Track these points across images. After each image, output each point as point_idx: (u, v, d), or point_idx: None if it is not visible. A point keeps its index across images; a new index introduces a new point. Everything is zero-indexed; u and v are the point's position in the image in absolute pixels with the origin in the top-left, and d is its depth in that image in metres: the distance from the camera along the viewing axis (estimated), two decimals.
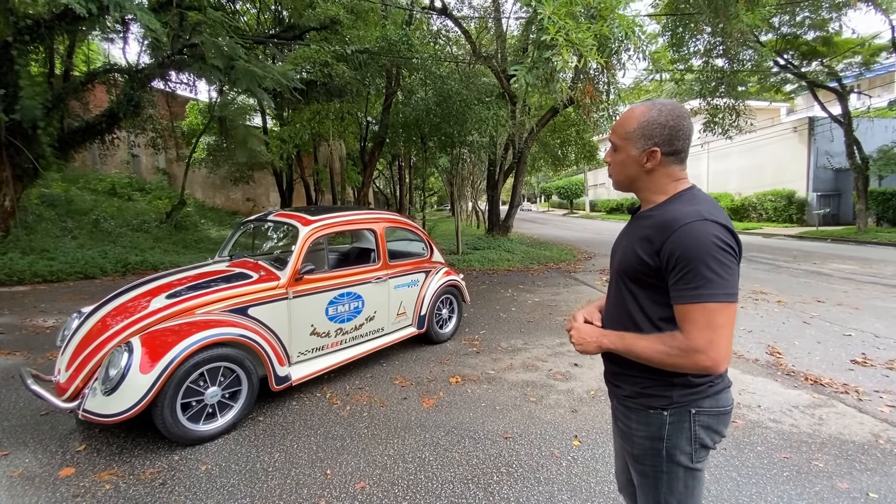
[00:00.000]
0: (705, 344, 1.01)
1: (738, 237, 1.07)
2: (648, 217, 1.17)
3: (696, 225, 1.03)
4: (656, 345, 1.08)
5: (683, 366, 1.05)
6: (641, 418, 1.19)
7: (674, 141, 1.13)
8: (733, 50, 11.11)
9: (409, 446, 2.65)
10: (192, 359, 2.53)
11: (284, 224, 3.65)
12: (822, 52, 14.20)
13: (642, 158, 1.16)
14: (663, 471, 1.18)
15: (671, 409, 1.14)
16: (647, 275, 1.13)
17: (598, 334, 1.21)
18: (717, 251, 1.01)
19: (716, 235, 1.02)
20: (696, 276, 1.01)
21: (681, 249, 1.03)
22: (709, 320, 1.01)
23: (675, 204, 1.13)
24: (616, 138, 1.21)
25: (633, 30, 5.36)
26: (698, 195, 1.14)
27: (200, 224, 13.59)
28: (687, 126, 1.14)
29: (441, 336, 4.54)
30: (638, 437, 1.20)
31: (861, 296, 6.55)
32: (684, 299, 1.04)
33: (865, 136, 15.08)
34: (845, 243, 13.57)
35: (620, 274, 1.23)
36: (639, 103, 1.20)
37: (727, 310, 1.02)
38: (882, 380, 3.57)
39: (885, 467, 2.42)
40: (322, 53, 8.70)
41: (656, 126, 1.13)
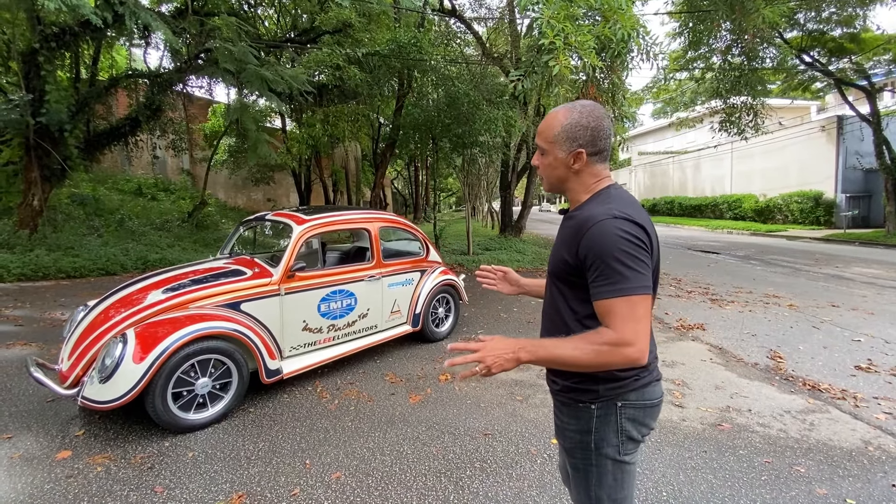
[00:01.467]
0: (632, 336, 1.02)
1: (648, 230, 1.10)
2: (571, 218, 1.21)
3: (605, 223, 1.07)
4: (582, 344, 1.06)
5: (612, 362, 1.04)
6: (572, 412, 1.22)
7: (597, 141, 1.18)
8: (750, 47, 10.81)
9: (390, 440, 2.71)
10: (183, 350, 2.65)
11: (280, 223, 3.77)
12: (850, 49, 13.65)
13: (569, 160, 1.19)
14: (592, 463, 1.21)
15: (598, 403, 1.17)
16: (570, 274, 1.16)
17: (512, 347, 1.10)
18: (626, 244, 1.04)
19: (622, 230, 1.05)
20: (611, 271, 1.04)
21: (593, 248, 1.07)
22: (631, 312, 1.02)
23: (591, 204, 1.18)
24: (542, 142, 1.24)
25: (637, 30, 5.31)
26: (613, 193, 1.18)
27: (221, 224, 14.00)
28: (607, 126, 1.19)
29: (437, 334, 4.59)
30: (569, 431, 1.24)
31: (879, 301, 6.30)
32: (605, 294, 1.05)
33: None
34: (873, 247, 13.03)
35: (550, 275, 1.27)
36: (560, 107, 1.23)
37: (645, 301, 1.04)
38: (884, 386, 3.45)
39: (869, 474, 2.36)
40: (334, 57, 8.88)
41: (579, 128, 1.17)
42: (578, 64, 5.83)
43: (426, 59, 9.44)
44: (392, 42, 9.03)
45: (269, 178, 17.14)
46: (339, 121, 11.62)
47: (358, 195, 19.20)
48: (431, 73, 10.16)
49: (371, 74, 9.83)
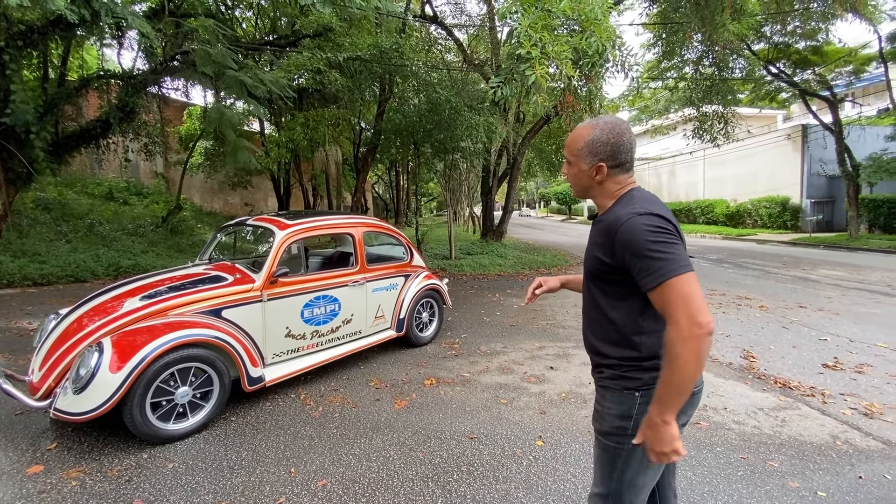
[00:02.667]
0: (685, 316, 1.06)
1: (671, 220, 1.18)
2: (600, 222, 1.31)
3: (631, 221, 1.16)
4: (671, 364, 1.09)
5: (697, 349, 1.06)
6: (615, 397, 1.29)
7: (617, 155, 1.28)
8: (721, 58, 11.24)
9: (376, 446, 2.70)
10: (162, 359, 2.59)
11: (262, 228, 3.72)
12: (814, 62, 14.37)
13: (591, 172, 1.31)
14: (624, 448, 1.27)
15: (642, 391, 1.24)
16: (608, 273, 1.26)
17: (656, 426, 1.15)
18: (653, 235, 1.12)
19: (646, 224, 1.14)
20: (648, 262, 1.11)
21: (627, 247, 1.15)
22: (678, 293, 1.08)
23: (616, 207, 1.27)
24: (568, 154, 1.36)
25: (613, 42, 5.45)
26: (635, 195, 1.27)
27: (197, 228, 13.67)
28: (627, 140, 1.28)
29: (421, 339, 4.60)
30: (608, 415, 1.30)
31: (844, 301, 6.60)
32: (651, 284, 1.12)
33: (857, 144, 15.20)
34: (837, 249, 13.63)
35: (588, 276, 1.37)
36: (585, 122, 1.34)
37: (688, 277, 1.09)
38: (849, 383, 3.62)
39: (837, 467, 2.47)
40: (315, 61, 8.81)
41: (599, 144, 1.27)
42: (556, 72, 5.95)
43: (408, 65, 9.47)
44: (374, 47, 9.03)
45: (246, 182, 16.83)
46: (320, 125, 11.50)
47: (339, 200, 19.03)
48: (413, 79, 10.19)
49: (352, 79, 9.80)
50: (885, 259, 11.43)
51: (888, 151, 13.36)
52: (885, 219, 15.25)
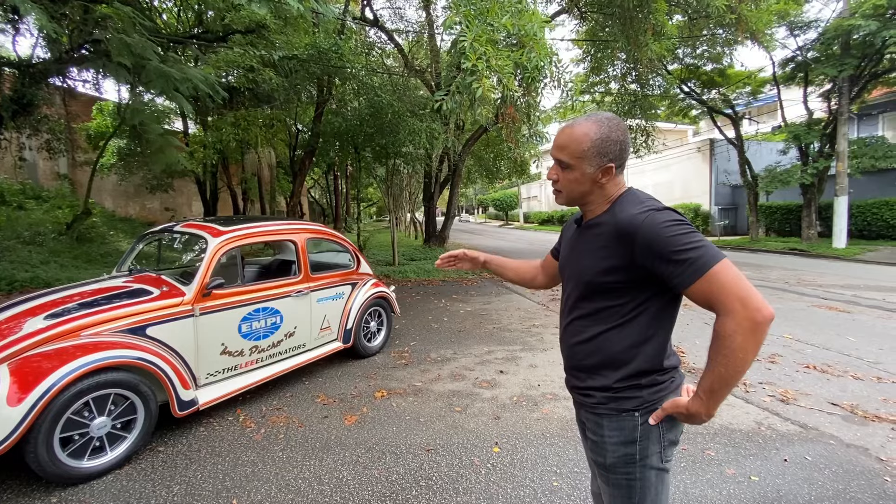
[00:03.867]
0: (740, 306, 0.97)
1: (683, 214, 1.13)
2: (599, 225, 1.19)
3: (650, 217, 1.07)
4: (724, 358, 1.00)
5: (756, 338, 0.97)
6: (614, 423, 1.18)
7: (623, 155, 1.19)
8: (644, 76, 12.15)
9: (327, 467, 2.54)
10: (74, 387, 2.26)
11: (193, 235, 3.40)
12: (719, 83, 15.99)
13: (597, 175, 1.18)
14: (636, 477, 1.17)
15: (642, 410, 1.15)
16: (621, 283, 1.13)
17: (705, 414, 1.07)
18: (676, 228, 1.04)
19: (667, 219, 1.06)
20: (680, 255, 1.02)
21: (651, 244, 1.05)
22: (723, 283, 0.99)
23: (622, 207, 1.16)
24: (567, 157, 1.19)
25: (551, 59, 5.69)
26: (639, 194, 1.19)
27: (109, 236, 12.34)
28: (629, 138, 1.22)
29: (369, 350, 4.44)
30: (611, 445, 1.19)
31: None
32: (692, 278, 1.02)
33: (755, 157, 17.11)
34: (741, 251, 15.20)
35: (584, 286, 1.21)
36: (582, 120, 1.19)
37: (727, 265, 1.01)
38: (766, 373, 4.00)
39: (765, 452, 2.70)
40: (247, 58, 8.32)
41: (610, 143, 1.16)
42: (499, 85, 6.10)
43: (348, 67, 9.25)
44: (312, 47, 8.72)
45: (167, 186, 15.46)
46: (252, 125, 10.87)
47: (273, 205, 18.12)
48: (353, 81, 9.97)
49: (288, 79, 9.38)
50: (781, 259, 12.93)
51: (781, 164, 15.18)
52: (779, 223, 17.27)
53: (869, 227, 14.28)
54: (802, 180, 13.66)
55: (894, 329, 5.23)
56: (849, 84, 12.62)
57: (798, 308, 6.47)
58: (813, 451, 2.68)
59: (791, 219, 16.67)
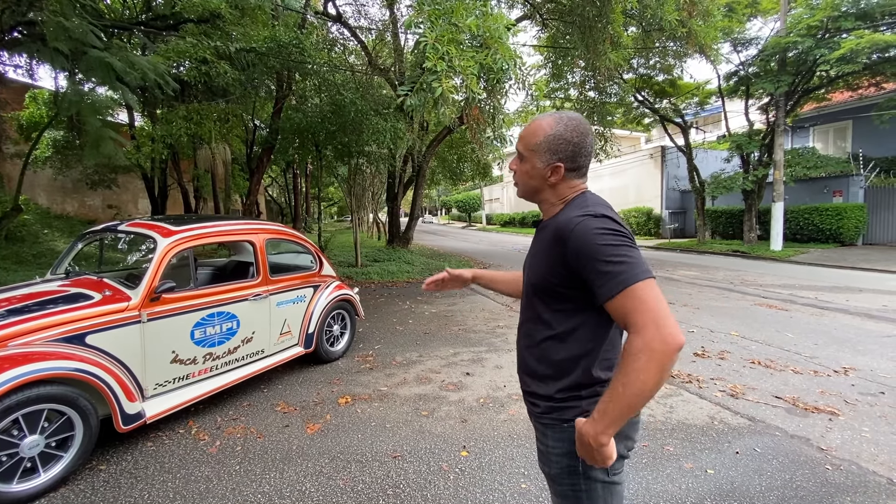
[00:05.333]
0: (652, 324, 0.93)
1: (624, 225, 1.07)
2: (546, 227, 1.19)
3: (583, 224, 1.04)
4: (625, 376, 0.95)
5: (661, 362, 0.92)
6: (557, 434, 1.15)
7: (577, 157, 1.15)
8: (602, 83, 12.58)
9: (288, 479, 2.42)
10: (1, 403, 2.03)
11: (140, 235, 3.17)
12: (670, 93, 16.85)
13: (546, 172, 1.16)
14: (581, 489, 1.14)
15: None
16: (559, 285, 1.11)
17: (594, 441, 1.00)
18: (610, 238, 1.01)
19: (601, 226, 1.03)
20: (604, 266, 0.99)
21: (579, 249, 1.03)
22: (642, 302, 0.95)
23: (566, 210, 1.15)
24: (522, 148, 1.19)
25: (514, 61, 5.75)
26: (588, 198, 1.15)
27: (43, 235, 11.41)
28: (590, 143, 1.17)
29: (332, 354, 4.31)
30: (555, 455, 1.17)
31: (700, 297, 7.74)
32: (609, 292, 0.99)
33: (703, 164, 18.12)
34: (690, 253, 16.05)
35: (531, 286, 1.22)
36: (546, 114, 1.18)
37: (650, 285, 0.97)
38: (716, 368, 4.21)
39: (719, 445, 2.83)
40: (200, 49, 7.90)
41: (562, 142, 1.13)
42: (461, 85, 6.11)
43: (309, 62, 8.99)
44: (271, 40, 8.40)
45: (110, 181, 14.42)
46: (206, 119, 10.34)
47: (227, 203, 17.34)
48: (314, 77, 9.71)
49: (245, 72, 8.99)
50: (725, 260, 13.74)
51: (725, 171, 16.17)
52: (723, 227, 18.39)
53: (801, 231, 15.44)
54: (744, 186, 14.60)
55: (827, 325, 5.65)
56: (785, 98, 13.61)
57: (742, 307, 6.88)
58: (761, 442, 2.83)
59: (734, 223, 17.77)
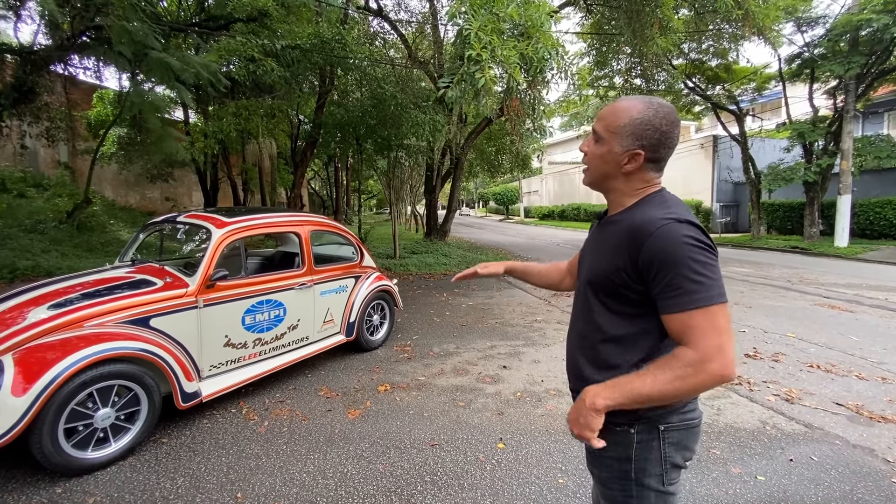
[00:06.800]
0: (715, 351, 0.91)
1: (709, 235, 1.01)
2: (616, 222, 1.12)
3: (669, 227, 0.97)
4: (661, 374, 0.94)
5: (702, 384, 0.92)
6: (608, 437, 1.09)
7: (660, 148, 1.07)
8: (650, 70, 12.05)
9: (331, 461, 2.53)
10: (78, 378, 2.24)
11: (196, 226, 3.37)
12: (724, 78, 15.87)
13: (623, 158, 1.08)
14: (633, 495, 1.10)
15: (638, 426, 1.07)
16: (622, 285, 1.06)
17: (587, 402, 1.00)
18: (698, 252, 0.95)
19: (691, 236, 0.96)
20: (683, 280, 0.94)
21: (659, 255, 0.96)
22: (713, 324, 0.92)
23: (644, 207, 1.07)
24: (602, 129, 1.11)
25: (557, 50, 5.61)
26: (668, 198, 1.09)
27: (109, 225, 12.30)
28: (676, 135, 1.09)
29: (372, 343, 4.43)
30: (605, 459, 1.13)
31: (754, 296, 7.33)
32: (678, 307, 0.95)
33: (758, 154, 17.01)
34: (742, 248, 15.19)
35: (590, 284, 1.16)
36: (634, 97, 1.11)
37: (724, 311, 0.94)
38: (769, 371, 3.99)
39: (770, 451, 2.69)
40: (249, 47, 8.23)
41: (648, 128, 1.05)
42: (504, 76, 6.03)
43: (350, 57, 9.16)
44: (314, 36, 8.62)
45: (167, 175, 15.38)
46: (254, 115, 10.79)
47: (273, 196, 18.06)
48: (356, 72, 9.88)
49: (290, 69, 9.28)
50: (782, 257, 12.91)
51: (784, 161, 15.10)
52: (780, 221, 17.24)
53: (871, 227, 14.25)
54: (806, 178, 13.60)
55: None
56: (855, 82, 12.52)
57: (800, 307, 6.46)
58: (819, 451, 2.68)
59: (793, 217, 16.63)
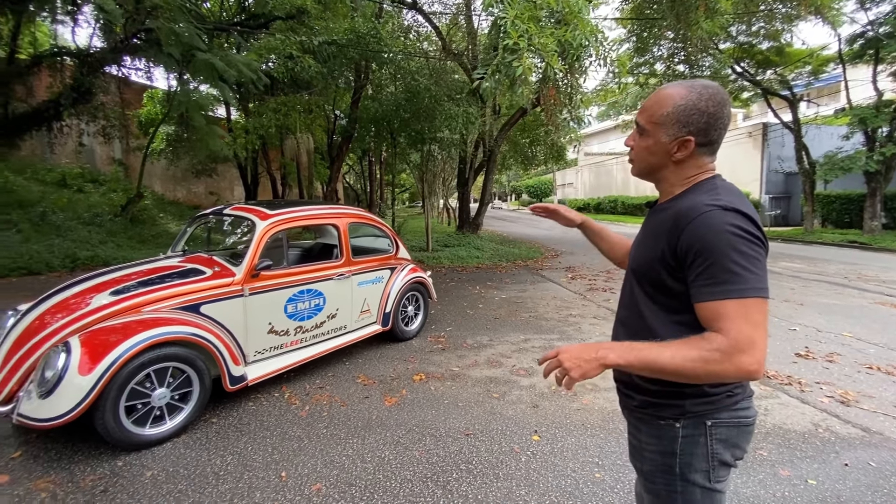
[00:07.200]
0: (747, 343, 0.87)
1: (762, 229, 0.96)
2: (665, 210, 1.07)
3: (712, 214, 0.93)
4: (685, 350, 0.91)
5: (724, 373, 0.89)
6: (652, 430, 1.08)
7: (710, 131, 1.02)
8: (694, 56, 11.51)
9: (369, 446, 2.61)
10: (138, 359, 2.40)
11: (241, 218, 3.52)
12: (776, 62, 14.93)
13: (672, 147, 1.04)
14: (677, 491, 1.06)
15: (683, 421, 1.03)
16: (665, 274, 1.02)
17: (595, 350, 0.97)
18: (740, 242, 0.90)
19: (736, 225, 0.92)
20: (720, 270, 0.90)
21: (699, 242, 0.93)
22: (746, 316, 0.88)
23: (693, 194, 1.03)
24: (645, 121, 1.08)
25: (595, 36, 5.45)
26: (720, 185, 1.03)
27: (159, 218, 13.01)
28: (727, 115, 1.03)
29: (406, 333, 4.50)
30: (648, 452, 1.10)
31: (806, 293, 6.93)
32: (711, 296, 0.92)
33: (813, 143, 15.97)
34: (793, 243, 14.36)
35: (634, 274, 1.14)
36: (675, 83, 1.06)
37: (761, 306, 0.90)
38: (823, 371, 3.78)
39: (823, 455, 2.56)
40: (288, 45, 8.45)
41: (694, 112, 1.00)
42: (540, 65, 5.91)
43: (385, 51, 9.23)
44: (350, 31, 8.74)
45: (211, 171, 16.10)
46: (292, 111, 11.11)
47: (310, 190, 18.56)
48: (390, 66, 9.96)
49: (326, 65, 9.47)
50: (838, 252, 12.12)
51: (842, 150, 14.09)
52: (837, 214, 16.17)
53: None
54: (867, 167, 12.68)
55: None
56: None
57: (858, 305, 6.06)
58: (878, 456, 2.52)
59: (851, 209, 15.57)
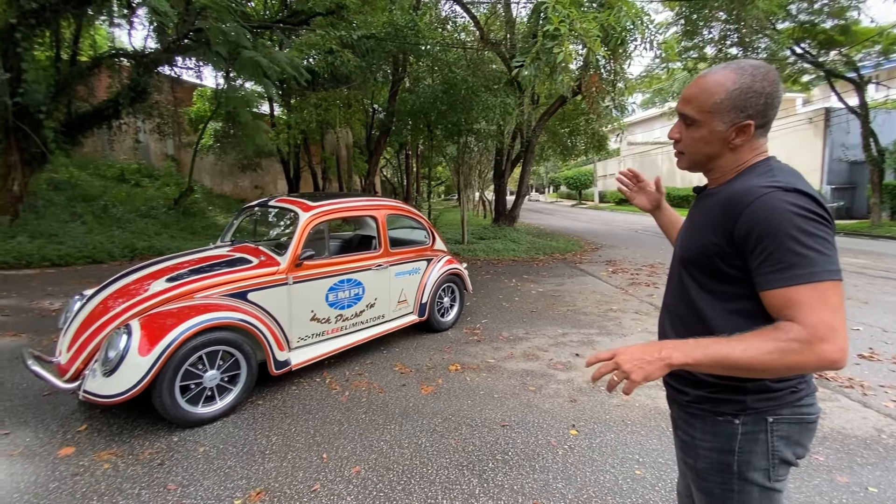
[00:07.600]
0: (827, 330, 0.81)
1: (827, 208, 0.89)
2: (715, 194, 1.02)
3: (771, 196, 0.87)
4: (759, 343, 0.84)
5: (805, 364, 0.83)
6: (708, 427, 1.03)
7: (768, 111, 0.97)
8: (748, 38, 10.83)
9: (406, 432, 2.65)
10: (191, 342, 2.54)
11: (285, 210, 3.64)
12: (840, 42, 13.77)
13: (730, 134, 0.98)
14: (734, 490, 1.01)
15: (743, 417, 0.98)
16: (719, 262, 0.97)
17: (657, 349, 0.90)
18: (805, 222, 0.85)
19: (798, 205, 0.86)
20: (787, 253, 0.84)
21: (760, 225, 0.87)
22: (823, 301, 0.82)
23: (746, 177, 0.98)
24: (694, 111, 1.01)
25: (641, 18, 5.24)
26: (775, 166, 0.97)
27: (208, 211, 13.68)
28: (781, 92, 0.98)
29: (442, 324, 4.54)
30: (703, 449, 1.05)
31: (871, 290, 6.43)
32: (780, 282, 0.85)
33: (882, 129, 14.71)
34: (858, 237, 13.33)
35: (683, 262, 1.08)
36: (718, 68, 1.00)
37: (837, 289, 0.84)
38: (888, 375, 3.50)
39: (886, 462, 2.38)
40: (328, 40, 8.61)
41: (752, 95, 0.95)
42: (582, 51, 5.73)
43: (422, 44, 9.23)
44: (389, 25, 8.80)
45: (256, 165, 16.75)
46: (332, 106, 11.35)
47: (349, 183, 18.95)
48: (427, 58, 9.96)
49: (365, 59, 9.58)
50: None
51: None
52: None
53: None
54: None
55: None
56: None
57: None
58: None
59: None
